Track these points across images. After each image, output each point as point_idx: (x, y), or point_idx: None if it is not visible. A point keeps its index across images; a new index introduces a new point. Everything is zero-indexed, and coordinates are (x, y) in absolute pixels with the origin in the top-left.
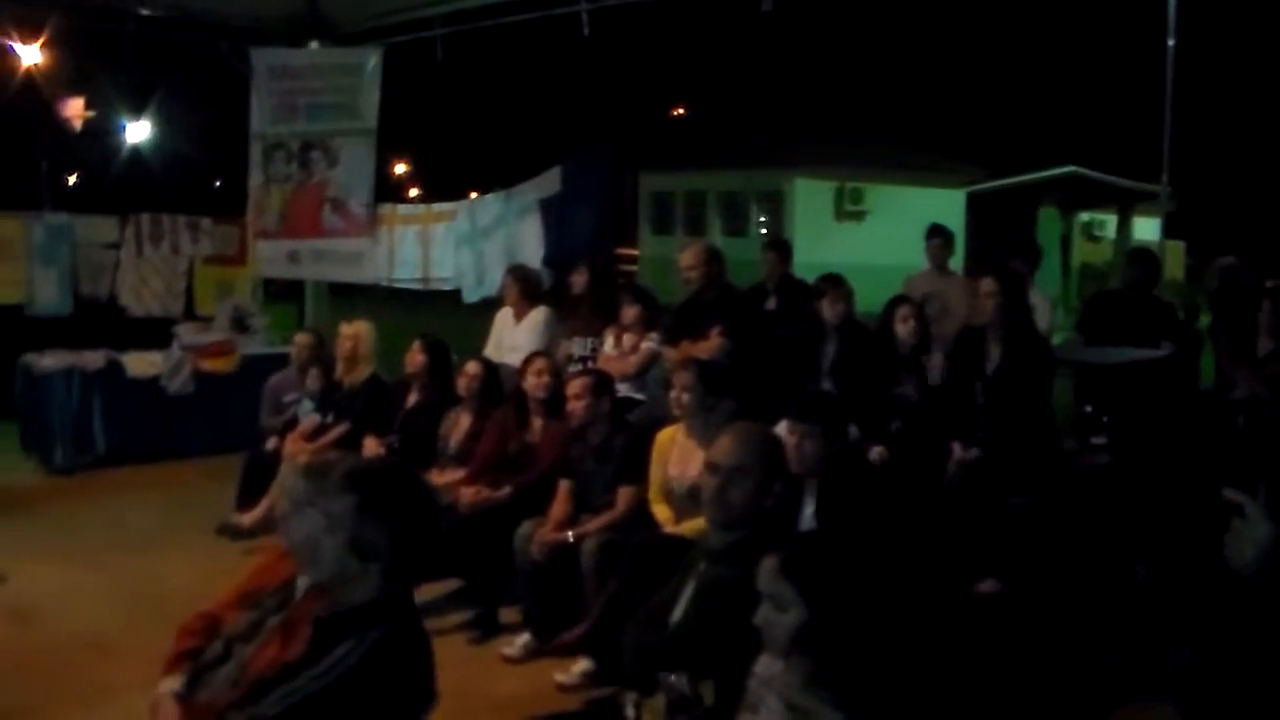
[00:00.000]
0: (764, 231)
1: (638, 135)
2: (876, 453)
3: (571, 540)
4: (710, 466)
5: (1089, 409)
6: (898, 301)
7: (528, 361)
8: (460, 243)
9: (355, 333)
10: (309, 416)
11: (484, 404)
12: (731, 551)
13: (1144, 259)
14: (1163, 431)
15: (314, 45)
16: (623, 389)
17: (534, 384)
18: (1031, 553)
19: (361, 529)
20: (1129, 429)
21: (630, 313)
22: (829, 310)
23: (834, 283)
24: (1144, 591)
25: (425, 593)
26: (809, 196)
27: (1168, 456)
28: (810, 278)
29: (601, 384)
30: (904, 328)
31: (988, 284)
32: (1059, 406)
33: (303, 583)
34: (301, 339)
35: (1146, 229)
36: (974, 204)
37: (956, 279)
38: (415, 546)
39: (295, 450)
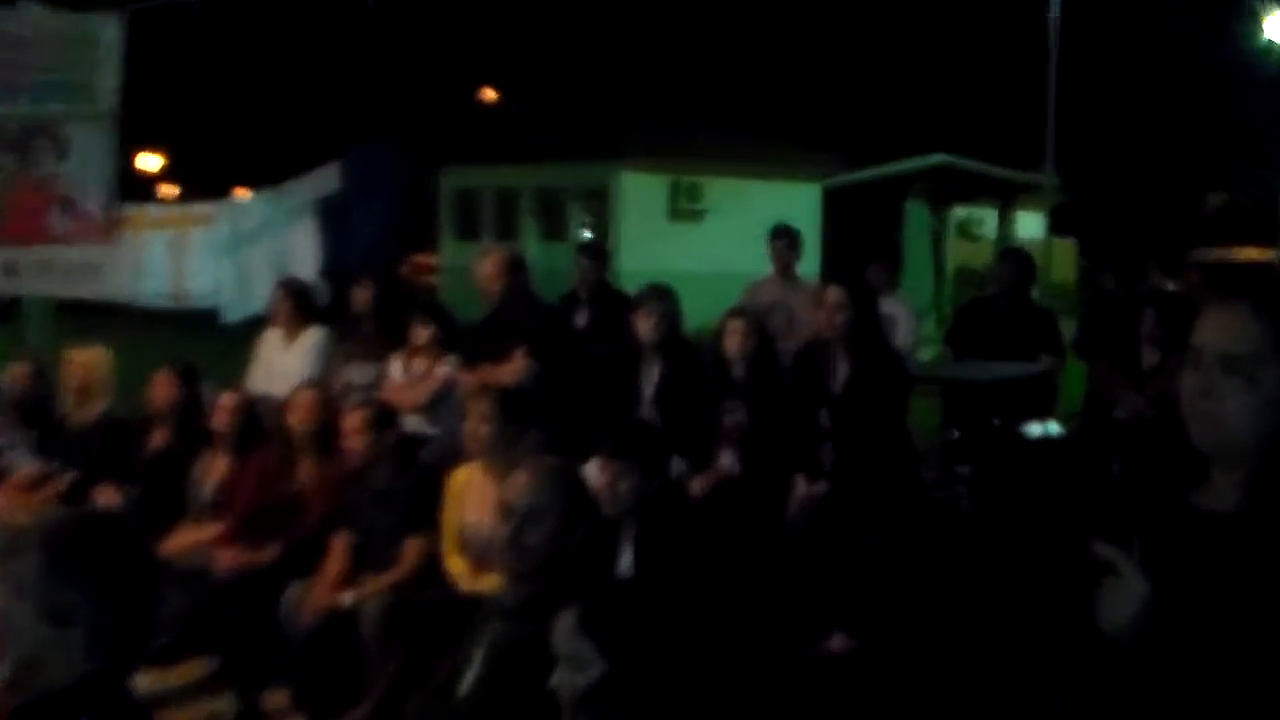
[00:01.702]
0: (587, 235)
1: (437, 123)
2: (697, 484)
3: (350, 605)
4: (504, 509)
5: (955, 434)
6: (730, 314)
7: (295, 393)
8: (220, 251)
9: (87, 361)
10: (27, 464)
11: (244, 444)
12: (528, 607)
13: (1015, 259)
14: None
15: (34, 7)
16: (412, 422)
17: (300, 419)
18: (888, 603)
19: (53, 591)
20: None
21: (422, 333)
22: (643, 326)
23: (652, 295)
24: (1010, 649)
25: (172, 676)
26: (638, 193)
27: (1029, 499)
28: (638, 287)
29: (384, 417)
30: (733, 344)
31: (833, 295)
32: (923, 430)
33: (2, 671)
34: (16, 370)
35: (1032, 225)
36: (831, 200)
37: (804, 287)
38: (125, 611)
39: (8, 506)
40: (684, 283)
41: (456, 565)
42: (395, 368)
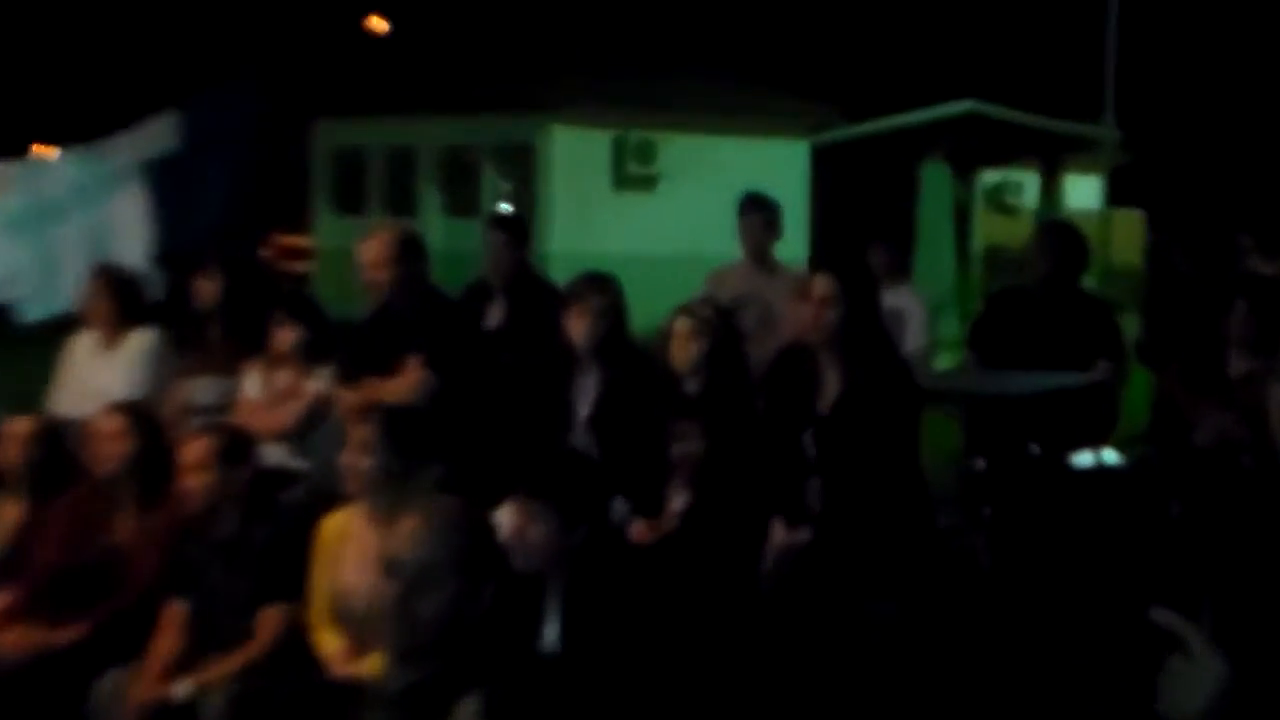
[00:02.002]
0: (505, 208)
1: (309, 62)
2: (643, 532)
3: (186, 697)
4: (390, 566)
5: (981, 464)
6: (679, 311)
7: (102, 414)
8: (14, 228)
9: None
10: None
11: (43, 487)
12: (419, 694)
13: (1060, 236)
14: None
15: None
16: (273, 454)
17: (110, 452)
18: (890, 692)
19: None
20: (1023, 506)
21: (286, 337)
22: (577, 327)
23: (589, 287)
24: None
25: None
26: (574, 153)
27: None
28: (571, 276)
29: (236, 447)
30: (681, 349)
31: (822, 285)
32: (940, 461)
33: None
34: None
35: (1085, 192)
36: (823, 161)
37: (785, 275)
38: None
39: None
40: (632, 270)
41: (328, 642)
42: (251, 383)
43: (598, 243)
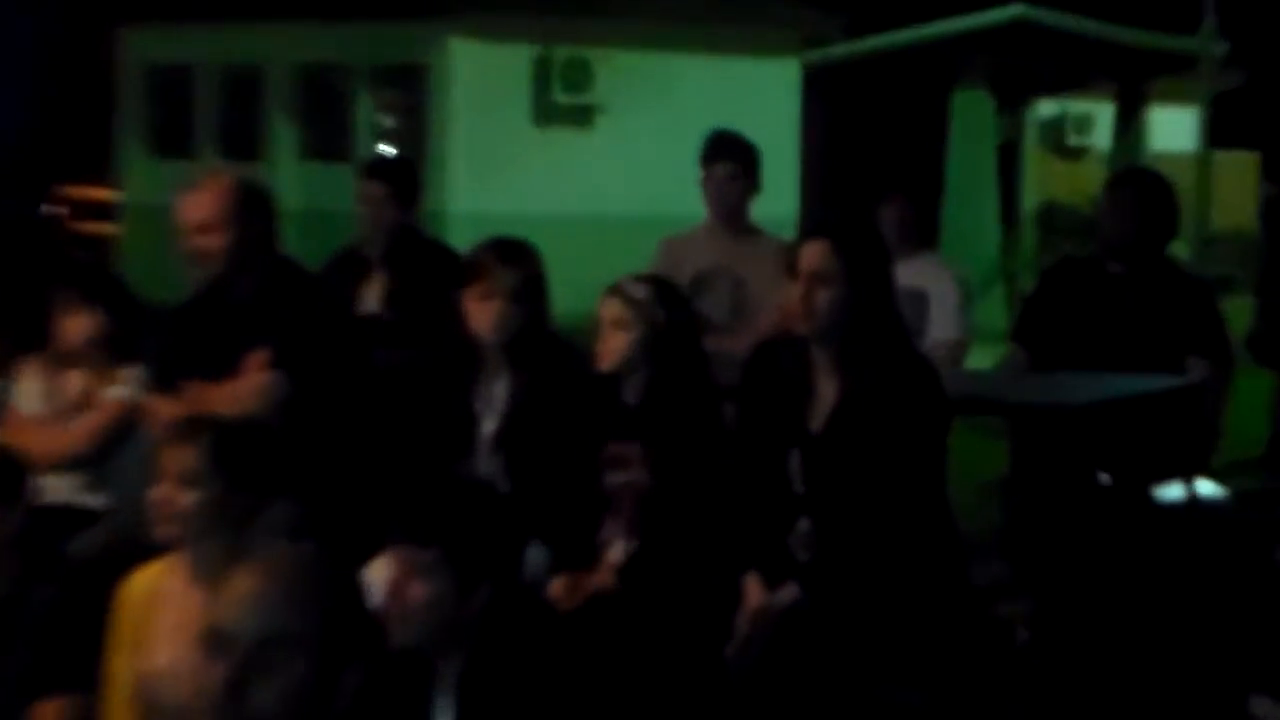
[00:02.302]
0: (386, 150)
1: None
2: (567, 592)
3: None
4: (215, 640)
5: (1029, 500)
6: (608, 293)
7: None
8: None
9: None
10: None
11: None
12: None
13: (1137, 191)
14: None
15: None
16: (58, 487)
17: None
18: None
19: None
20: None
21: (78, 326)
22: (480, 315)
23: (497, 260)
24: None
25: None
26: (481, 77)
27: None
28: (476, 242)
29: (3, 478)
30: (608, 344)
31: (814, 257)
32: (972, 492)
33: None
34: None
35: (1177, 130)
36: (819, 89)
37: (765, 244)
38: None
39: None
40: (559, 236)
41: None
42: (27, 390)
43: (512, 199)
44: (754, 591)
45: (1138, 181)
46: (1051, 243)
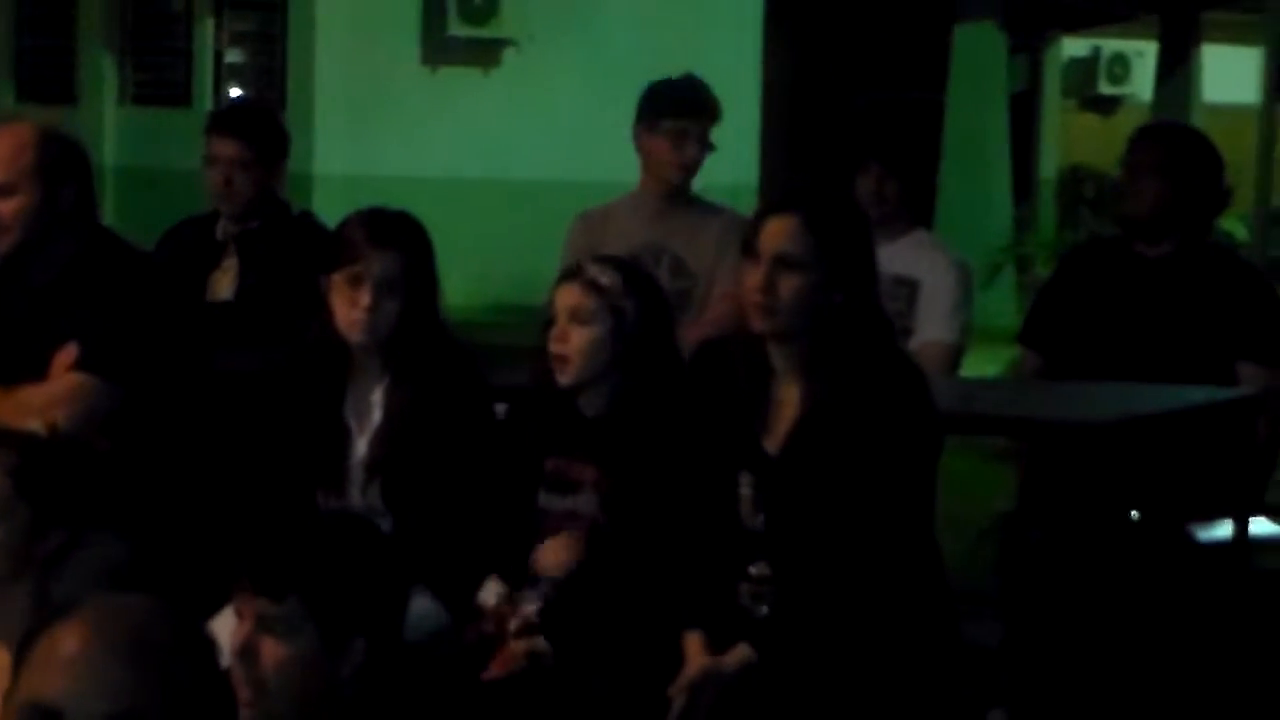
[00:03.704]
0: (239, 95)
1: None
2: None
3: None
4: (21, 715)
5: (1039, 536)
6: (563, 278)
7: None
8: None
9: None
10: None
11: None
12: None
13: (1172, 153)
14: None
15: None
16: None
17: None
18: None
19: None
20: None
21: None
22: (345, 310)
23: (374, 236)
24: None
25: None
26: (341, 2)
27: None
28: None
29: None
30: (575, 336)
31: (780, 233)
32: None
33: None
34: None
35: (1233, 76)
36: (785, 21)
37: (713, 216)
38: None
39: None
40: (457, 203)
41: None
42: None
43: (397, 158)
44: (696, 654)
45: (1166, 138)
46: (1077, 218)
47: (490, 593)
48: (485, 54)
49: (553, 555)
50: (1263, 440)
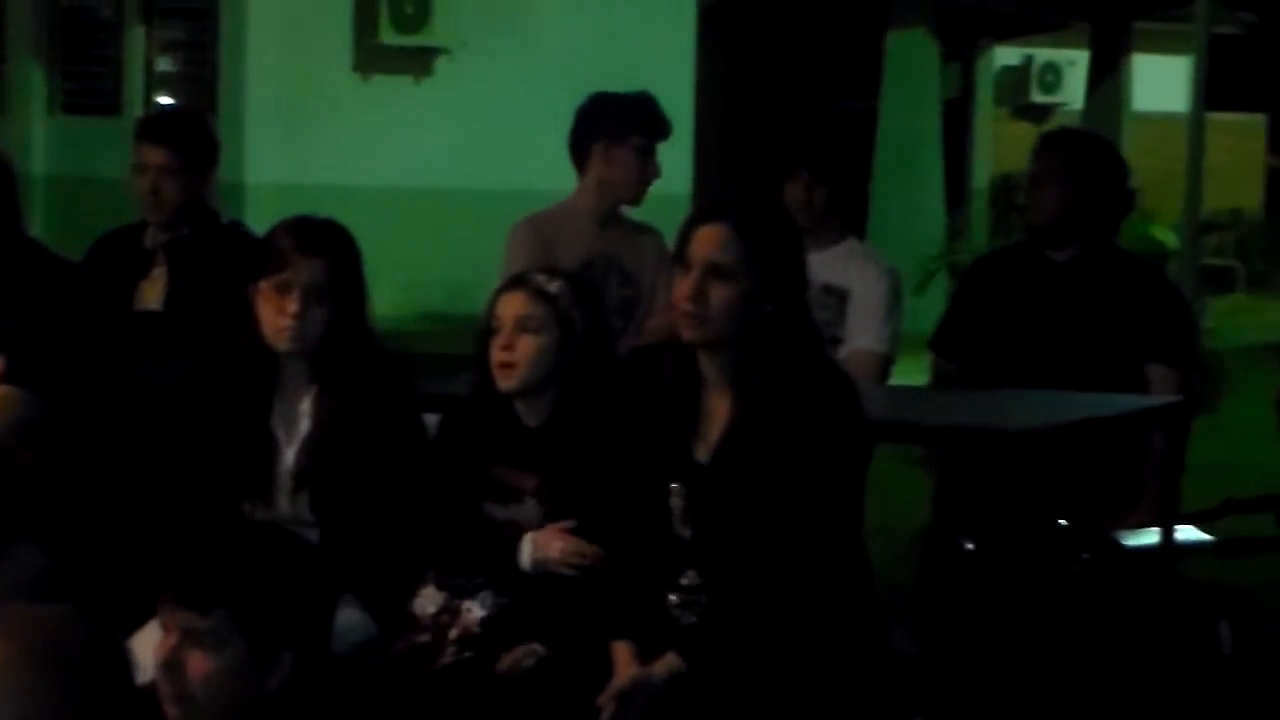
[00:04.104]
0: (167, 103)
1: None
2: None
3: None
4: None
5: (969, 546)
6: (508, 285)
7: None
8: None
9: None
10: None
11: None
12: None
13: (1066, 152)
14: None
15: None
16: None
17: None
18: None
19: None
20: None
21: None
22: (273, 319)
23: (302, 245)
24: None
25: None
26: (285, 8)
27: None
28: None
29: None
30: (522, 345)
31: (711, 241)
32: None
33: None
34: None
35: (1162, 86)
36: (718, 29)
37: (652, 235)
38: None
39: None
40: (388, 212)
41: None
42: None
43: (329, 167)
44: (624, 663)
45: (1070, 144)
46: (1010, 225)
47: (429, 601)
48: (417, 62)
49: (553, 546)
50: (1160, 451)
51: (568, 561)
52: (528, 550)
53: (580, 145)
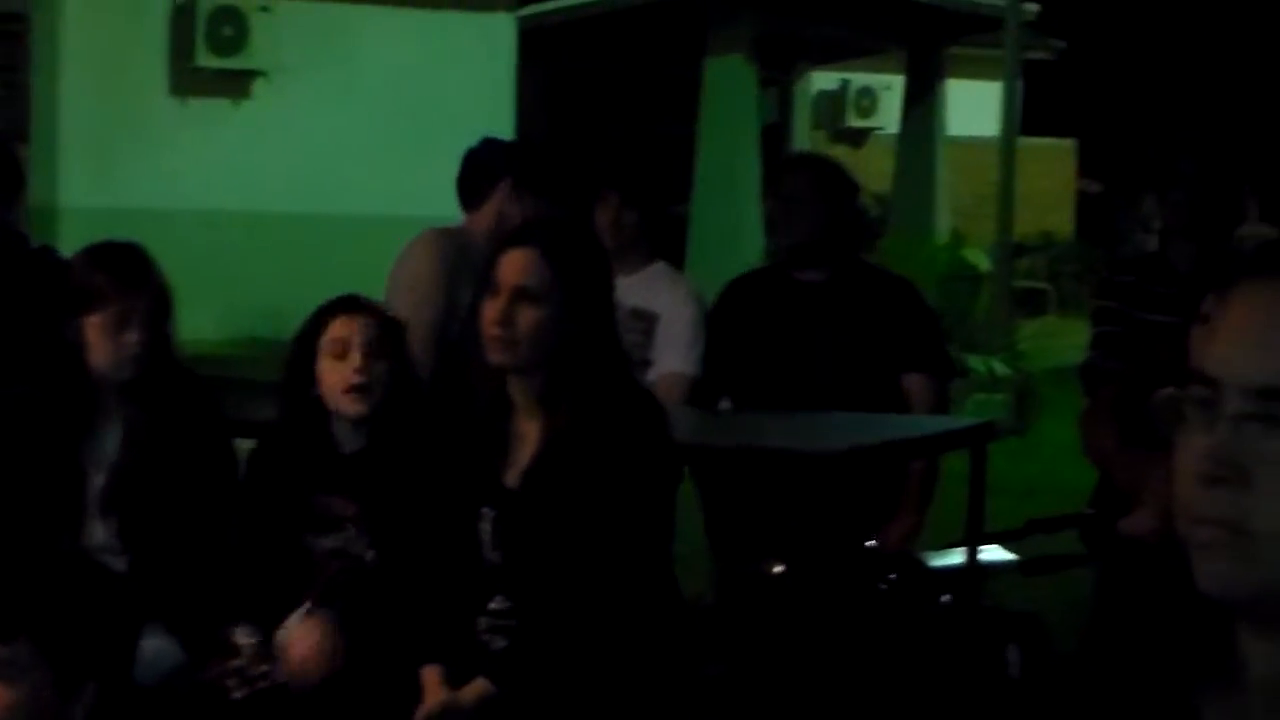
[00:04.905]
0: None
1: None
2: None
3: None
4: None
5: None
6: (356, 308)
7: None
8: None
9: None
10: None
11: None
12: None
13: (812, 173)
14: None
15: None
16: None
17: None
18: None
19: None
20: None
21: None
22: (101, 341)
23: (108, 271)
24: None
25: None
26: (101, 31)
27: None
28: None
29: None
30: (370, 367)
31: (517, 265)
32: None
33: None
34: None
35: (977, 110)
36: (536, 51)
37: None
38: None
39: None
40: (206, 236)
41: None
42: None
43: (146, 190)
44: (433, 688)
45: (818, 167)
46: None
47: (247, 629)
48: (235, 85)
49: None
50: (920, 476)
51: (308, 664)
52: (283, 636)
53: (473, 185)
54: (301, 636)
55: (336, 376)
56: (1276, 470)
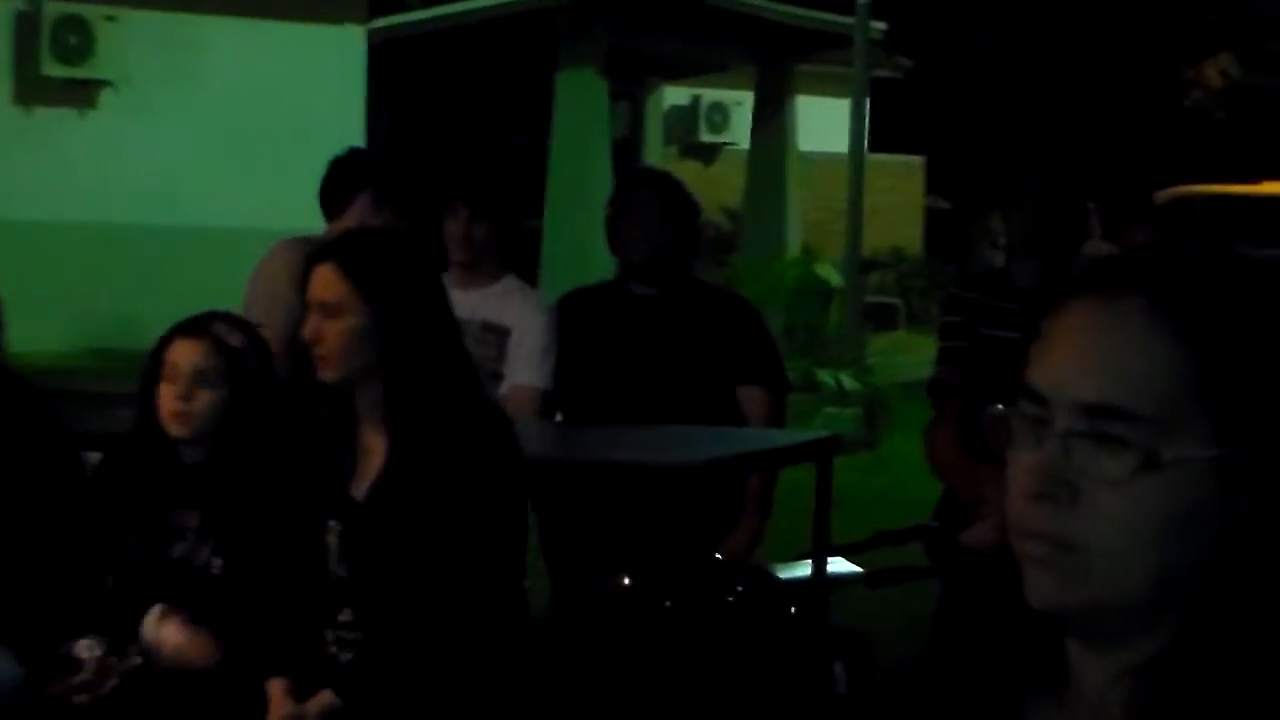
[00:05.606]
0: None
1: None
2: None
3: None
4: None
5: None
6: (194, 332)
7: None
8: None
9: None
10: None
11: None
12: None
13: (655, 189)
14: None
15: None
16: None
17: None
18: None
19: None
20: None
21: None
22: None
23: None
24: None
25: None
26: None
27: None
28: None
29: None
30: (197, 398)
31: (318, 281)
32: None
33: None
34: None
35: (826, 126)
36: (386, 63)
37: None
38: None
39: None
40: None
41: None
42: None
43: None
44: (278, 701)
45: (660, 183)
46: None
47: (91, 644)
48: (81, 95)
49: (167, 639)
50: (759, 486)
51: (176, 659)
52: (147, 630)
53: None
54: (171, 630)
55: (164, 399)
56: (1103, 487)
